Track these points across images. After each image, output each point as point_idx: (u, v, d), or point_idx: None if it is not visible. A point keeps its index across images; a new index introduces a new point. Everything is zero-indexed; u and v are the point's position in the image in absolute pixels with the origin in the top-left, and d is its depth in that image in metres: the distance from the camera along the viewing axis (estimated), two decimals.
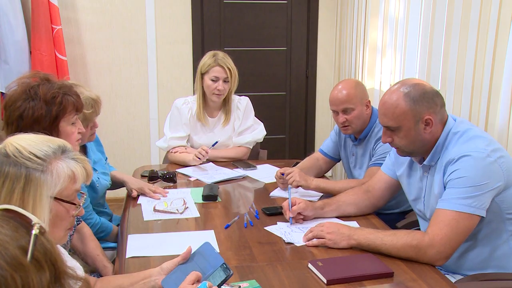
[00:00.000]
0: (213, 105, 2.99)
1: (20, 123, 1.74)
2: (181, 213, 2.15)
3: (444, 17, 2.87)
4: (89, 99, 2.14)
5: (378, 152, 2.38)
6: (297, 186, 2.36)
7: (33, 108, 1.74)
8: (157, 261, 1.65)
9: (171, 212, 2.16)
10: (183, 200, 2.26)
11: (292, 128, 4.88)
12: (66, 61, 3.94)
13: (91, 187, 2.25)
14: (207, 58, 2.90)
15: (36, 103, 1.75)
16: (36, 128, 1.68)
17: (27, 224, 0.80)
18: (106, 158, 2.52)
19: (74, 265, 1.22)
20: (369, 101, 2.45)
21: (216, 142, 2.84)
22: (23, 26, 3.77)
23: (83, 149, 2.31)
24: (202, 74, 2.90)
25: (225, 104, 3.00)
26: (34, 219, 0.80)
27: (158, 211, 2.17)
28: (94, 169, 2.28)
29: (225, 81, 2.86)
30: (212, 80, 2.86)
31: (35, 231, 0.78)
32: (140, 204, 2.30)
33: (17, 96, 1.76)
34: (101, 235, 2.24)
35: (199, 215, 2.14)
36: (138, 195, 2.40)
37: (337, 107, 2.40)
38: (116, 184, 2.52)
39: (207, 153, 2.76)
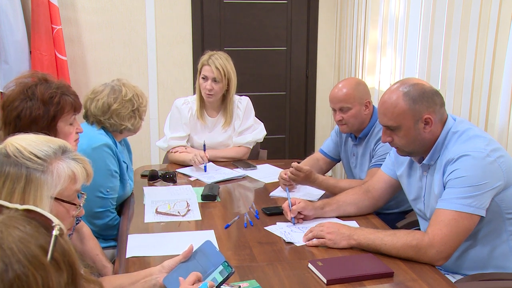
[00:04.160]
0: (210, 105, 2.98)
1: (18, 123, 1.74)
2: (183, 215, 2.15)
3: (444, 17, 2.87)
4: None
5: (378, 153, 2.38)
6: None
7: (30, 108, 1.75)
8: (157, 261, 1.65)
9: (173, 215, 2.15)
10: (186, 203, 2.25)
11: (292, 128, 4.88)
12: (66, 61, 3.94)
13: (122, 184, 2.31)
14: (203, 57, 2.91)
15: (34, 103, 1.75)
16: (34, 128, 1.68)
17: (47, 225, 0.80)
18: (132, 170, 2.58)
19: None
20: (369, 101, 2.45)
21: (205, 145, 2.85)
22: (23, 26, 3.77)
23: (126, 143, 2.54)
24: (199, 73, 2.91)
25: (225, 106, 2.98)
26: (55, 220, 0.81)
27: (160, 213, 2.17)
28: (126, 166, 2.35)
29: (215, 81, 2.85)
30: (203, 78, 2.87)
31: (55, 232, 0.79)
32: (144, 205, 2.29)
33: (15, 96, 1.76)
34: (115, 233, 2.24)
35: (201, 218, 2.13)
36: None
37: (334, 105, 2.42)
38: None
39: (203, 158, 2.75)
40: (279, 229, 2.00)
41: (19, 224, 0.78)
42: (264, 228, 2.02)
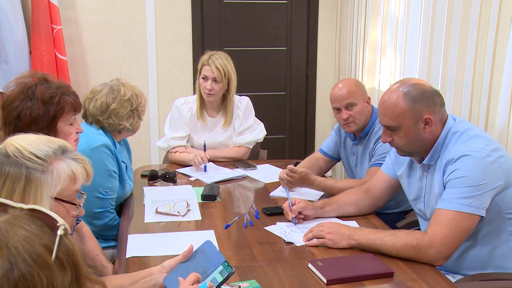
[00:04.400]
0: (210, 105, 2.98)
1: (18, 123, 1.74)
2: (183, 215, 2.15)
3: (444, 17, 2.87)
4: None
5: (378, 152, 2.38)
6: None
7: (30, 108, 1.75)
8: (157, 261, 1.65)
9: (173, 215, 2.15)
10: (186, 203, 2.24)
11: (292, 128, 4.88)
12: (66, 61, 3.94)
13: (122, 185, 2.31)
14: (203, 57, 2.91)
15: (34, 103, 1.75)
16: (34, 128, 1.67)
17: (51, 225, 0.81)
18: (132, 170, 2.58)
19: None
20: (369, 98, 2.46)
21: (205, 145, 2.85)
22: (23, 26, 3.78)
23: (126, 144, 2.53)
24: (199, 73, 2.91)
25: (225, 107, 2.98)
26: (60, 220, 0.81)
27: (160, 213, 2.17)
28: (125, 166, 2.35)
29: (215, 80, 2.85)
30: (203, 78, 2.87)
31: (60, 231, 0.79)
32: (144, 205, 2.29)
33: (15, 96, 1.76)
34: (115, 233, 2.25)
35: (201, 218, 2.13)
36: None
37: (340, 103, 2.41)
38: None
39: (203, 159, 2.75)
40: (279, 229, 2.00)
41: (24, 223, 0.78)
42: (264, 228, 2.02)
